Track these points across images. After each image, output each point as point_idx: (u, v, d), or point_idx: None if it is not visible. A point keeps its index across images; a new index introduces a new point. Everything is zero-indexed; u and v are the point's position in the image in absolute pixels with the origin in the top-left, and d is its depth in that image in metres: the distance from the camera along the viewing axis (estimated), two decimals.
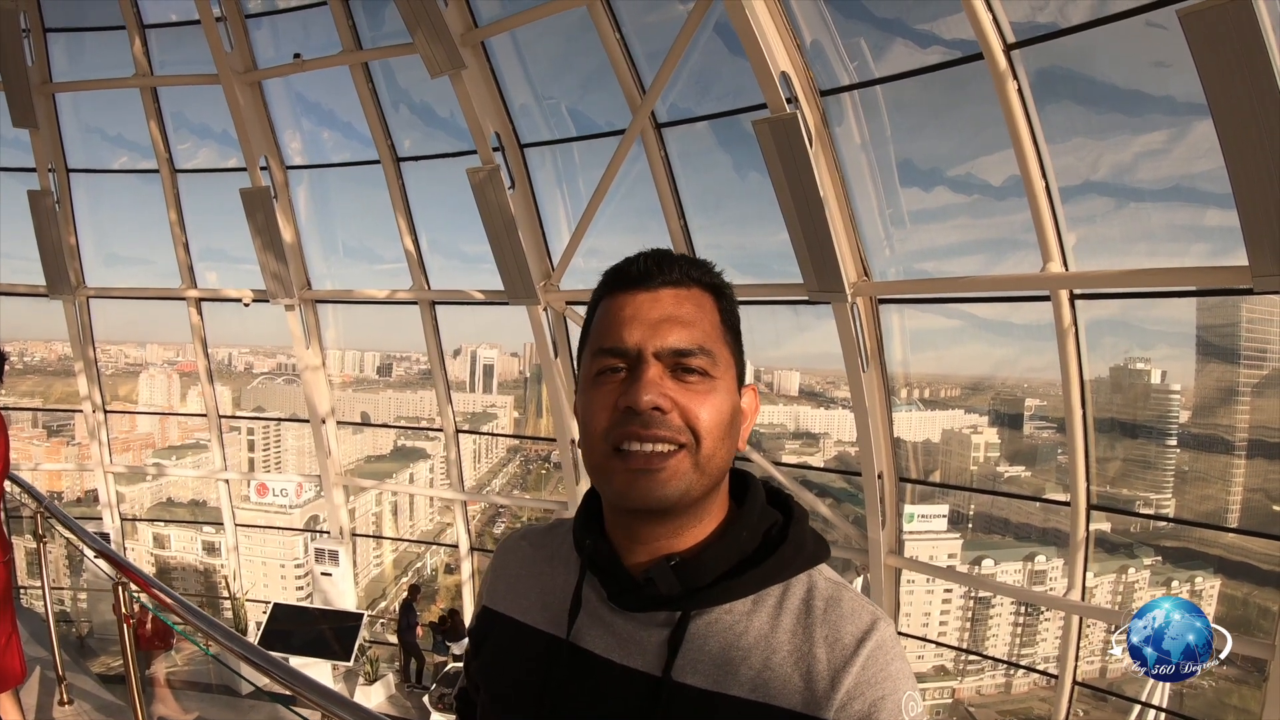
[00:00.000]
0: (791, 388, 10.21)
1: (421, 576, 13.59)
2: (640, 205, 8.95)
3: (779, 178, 7.04)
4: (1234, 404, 7.08)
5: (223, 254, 12.55)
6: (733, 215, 8.94)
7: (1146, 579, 7.68)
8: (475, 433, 12.13)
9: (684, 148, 8.42)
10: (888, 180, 7.56)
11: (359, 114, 10.37)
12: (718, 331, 1.04)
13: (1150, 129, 6.46)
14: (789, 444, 9.92)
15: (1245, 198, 5.00)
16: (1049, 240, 6.45)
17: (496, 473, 12.67)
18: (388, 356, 13.21)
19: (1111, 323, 7.01)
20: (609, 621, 1.03)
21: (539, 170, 9.40)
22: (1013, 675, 9.36)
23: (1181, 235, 6.59)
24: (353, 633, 10.18)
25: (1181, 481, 7.34)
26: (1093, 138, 6.51)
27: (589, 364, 1.03)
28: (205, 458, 13.40)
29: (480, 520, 11.93)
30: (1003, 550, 8.68)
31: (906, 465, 8.16)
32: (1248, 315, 6.81)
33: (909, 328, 7.85)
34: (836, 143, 7.34)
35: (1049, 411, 8.25)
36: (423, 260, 10.48)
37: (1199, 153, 6.20)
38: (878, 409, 7.72)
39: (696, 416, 0.97)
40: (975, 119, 7.08)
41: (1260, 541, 7.09)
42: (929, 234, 7.62)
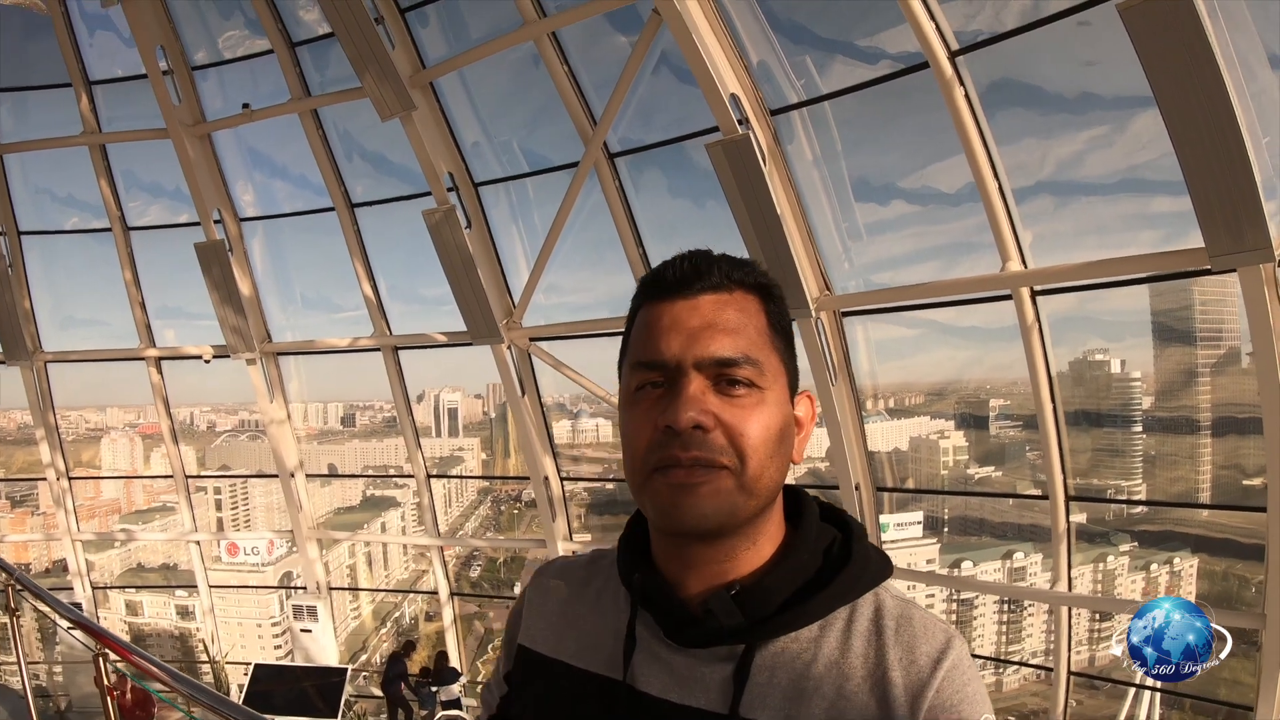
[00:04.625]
0: None
1: (401, 626, 12.64)
2: (597, 237, 8.61)
3: (735, 198, 6.73)
4: (1195, 385, 6.95)
5: (180, 311, 11.85)
6: (689, 242, 8.35)
7: (1126, 565, 7.47)
8: (447, 476, 11.41)
9: (633, 179, 8.08)
10: (841, 194, 7.33)
11: (310, 164, 9.84)
12: (765, 337, 0.92)
13: (1093, 125, 6.40)
14: None
15: (1196, 182, 4.89)
16: (1006, 240, 6.22)
17: (469, 516, 12.00)
18: (351, 406, 12.53)
19: (1068, 318, 6.82)
20: (665, 659, 0.92)
21: (494, 208, 8.96)
22: (1003, 673, 9.02)
23: (1131, 224, 6.49)
24: (337, 688, 9.45)
25: (1151, 466, 7.16)
26: (1040, 138, 6.41)
27: (627, 378, 0.93)
28: (173, 520, 12.55)
29: (455, 565, 11.19)
30: (981, 551, 8.41)
31: (881, 475, 7.67)
32: (1200, 297, 6.64)
33: (872, 339, 7.55)
34: (789, 160, 7.07)
35: (1014, 410, 8.05)
36: (383, 305, 9.86)
37: (1139, 144, 6.18)
38: (849, 421, 7.33)
39: (742, 434, 0.86)
40: (923, 128, 6.90)
41: (1234, 516, 6.95)
42: (886, 244, 7.46)
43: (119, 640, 2.96)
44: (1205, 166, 4.80)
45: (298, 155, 10.21)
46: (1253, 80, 5.08)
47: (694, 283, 0.90)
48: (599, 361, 8.86)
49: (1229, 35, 4.81)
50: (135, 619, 13.63)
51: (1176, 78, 4.66)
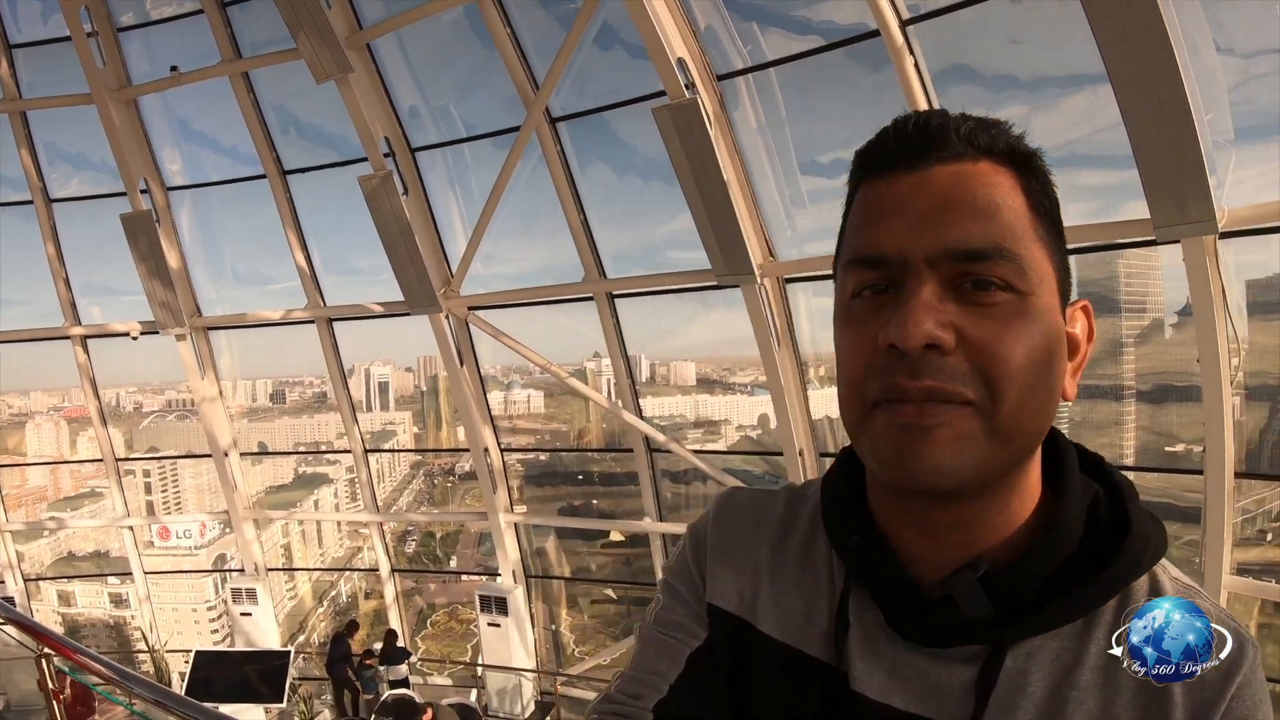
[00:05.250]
0: (689, 377, 9.59)
1: (339, 605, 12.03)
2: (536, 206, 8.27)
3: (681, 163, 6.51)
4: (1120, 355, 6.98)
5: (106, 287, 11.14)
6: (625, 209, 8.32)
7: None
8: (384, 450, 10.81)
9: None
10: (785, 162, 7.16)
11: (240, 133, 9.26)
12: (1026, 222, 0.65)
13: (1017, 103, 6.36)
14: (691, 433, 9.29)
15: (1144, 155, 4.88)
16: None
17: (402, 491, 11.53)
18: (280, 383, 11.92)
19: None
20: (886, 653, 0.71)
21: (431, 173, 8.53)
22: None
23: (1066, 197, 6.19)
24: (281, 672, 9.03)
25: (1077, 432, 7.18)
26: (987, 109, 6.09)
27: (841, 282, 0.69)
28: (104, 505, 11.96)
29: (391, 541, 10.60)
30: None
31: (824, 441, 7.49)
32: (1125, 270, 6.59)
33: (814, 306, 7.43)
34: (735, 127, 6.87)
35: None
36: (316, 277, 9.35)
37: (1071, 122, 6.19)
38: (793, 387, 7.08)
39: (994, 356, 0.62)
40: (869, 98, 6.80)
41: (1158, 479, 7.01)
42: (829, 213, 7.25)
43: (58, 637, 2.82)
44: (1153, 140, 4.78)
45: (227, 123, 9.59)
46: (1198, 60, 5.09)
47: (925, 150, 0.66)
48: (537, 331, 8.58)
49: (1177, 16, 4.79)
50: (69, 610, 12.98)
51: (1130, 53, 4.64)
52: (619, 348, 8.04)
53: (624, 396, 8.26)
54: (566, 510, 9.88)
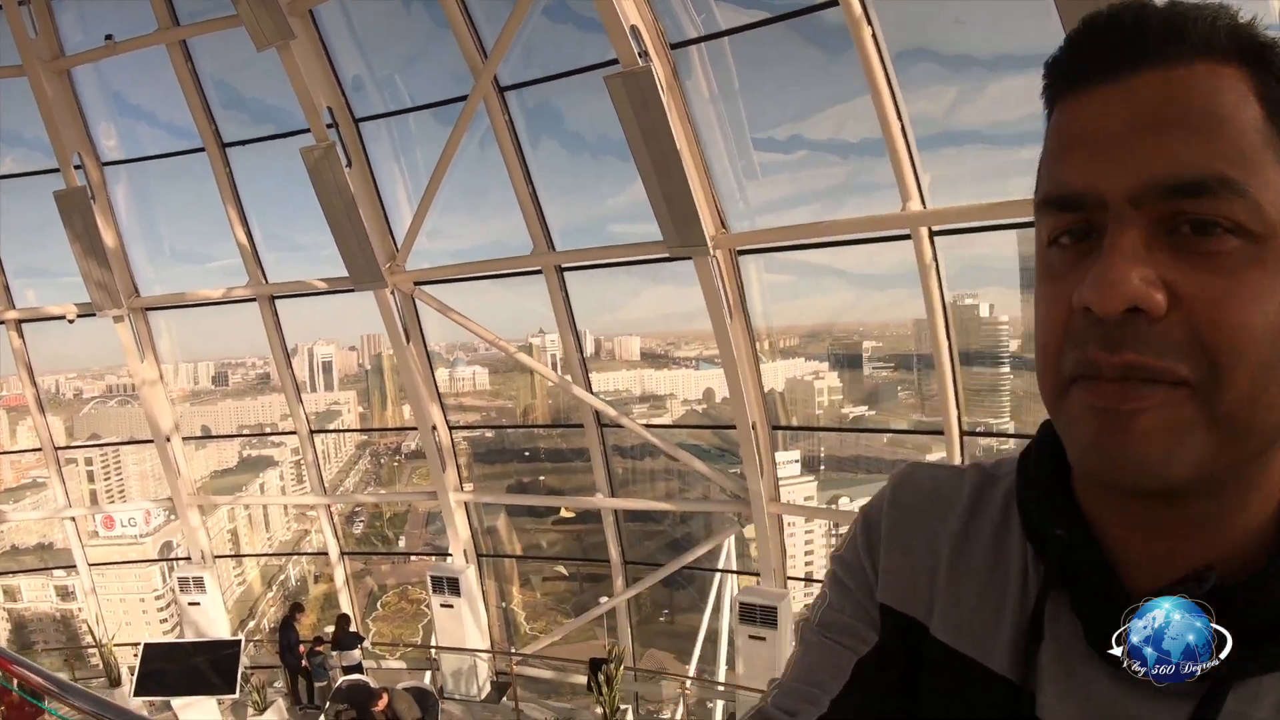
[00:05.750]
0: (633, 352, 9.40)
1: (288, 589, 11.51)
2: (481, 182, 8.08)
3: (634, 133, 6.29)
4: None
5: (41, 270, 10.52)
6: (571, 184, 8.09)
7: None
8: (330, 431, 10.36)
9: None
10: (738, 133, 7.00)
11: (178, 106, 8.71)
12: (1261, 140, 0.48)
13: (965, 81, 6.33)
14: (636, 408, 9.10)
15: None
16: (907, 180, 6.01)
17: (348, 471, 11.19)
18: (222, 364, 11.43)
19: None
20: (1082, 676, 0.58)
21: (375, 145, 8.17)
22: None
23: (1003, 172, 6.48)
24: (233, 661, 8.68)
25: (1019, 405, 7.18)
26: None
27: (1037, 229, 0.55)
28: (45, 496, 11.19)
29: (338, 522, 10.23)
30: (856, 487, 8.32)
31: (775, 414, 7.34)
32: None
33: (765, 280, 7.31)
34: (688, 96, 6.66)
35: (885, 351, 8.03)
36: (258, 253, 8.94)
37: (1009, 103, 6.19)
38: (745, 359, 6.88)
39: (1219, 321, 0.48)
40: (823, 70, 6.69)
41: None
42: (779, 185, 7.26)
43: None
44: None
45: (165, 97, 8.99)
46: None
47: (1121, 53, 0.50)
48: (482, 307, 8.29)
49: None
50: (15, 605, 12.47)
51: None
52: (569, 322, 7.77)
53: (573, 371, 7.99)
54: (515, 488, 9.63)
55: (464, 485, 9.05)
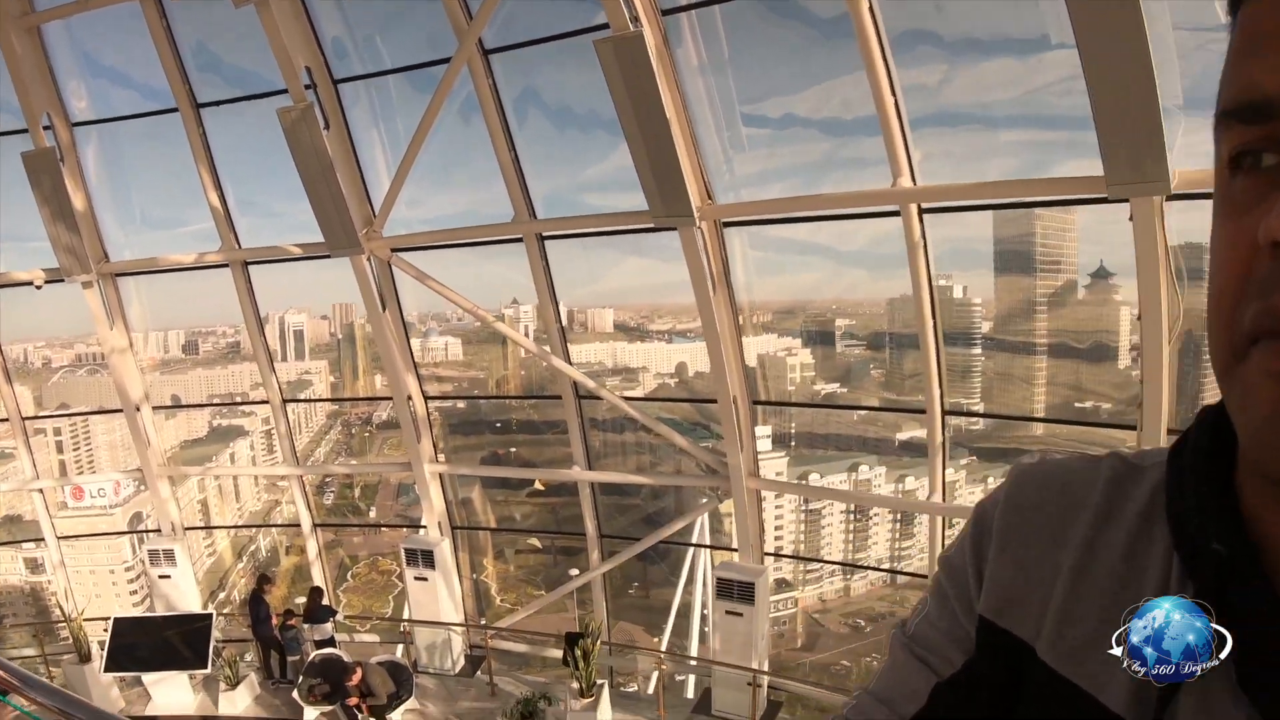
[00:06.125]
0: (606, 325, 9.26)
1: (258, 561, 11.17)
2: (460, 151, 7.87)
3: (622, 99, 6.11)
4: (1033, 312, 6.98)
5: (7, 234, 9.81)
6: (550, 153, 7.85)
7: (964, 478, 7.45)
8: (302, 400, 10.07)
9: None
10: (726, 103, 6.84)
11: (152, 68, 8.31)
12: None
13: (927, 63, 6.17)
14: (609, 380, 8.96)
15: (1104, 113, 4.78)
16: (899, 156, 5.91)
17: (319, 441, 10.95)
18: (193, 332, 11.08)
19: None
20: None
21: (354, 109, 7.89)
22: (850, 578, 9.04)
23: (982, 154, 6.44)
24: (204, 635, 8.45)
25: (990, 385, 7.17)
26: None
27: (1216, 152, 0.45)
28: (13, 468, 10.77)
29: (309, 492, 9.88)
30: (826, 463, 8.28)
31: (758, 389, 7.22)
32: (1041, 229, 6.46)
33: (750, 256, 7.21)
34: (677, 65, 6.49)
35: (858, 329, 8.00)
36: (231, 218, 8.61)
37: (991, 85, 6.15)
38: (728, 333, 6.74)
39: None
40: (813, 45, 6.56)
41: (1069, 431, 6.99)
42: (766, 158, 7.11)
43: None
44: (1114, 99, 4.70)
45: (138, 58, 8.61)
46: (1151, 25, 4.95)
47: None
48: (457, 277, 8.06)
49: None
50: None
51: (1098, 10, 4.54)
52: (549, 292, 7.56)
53: (552, 342, 7.78)
54: (489, 459, 9.45)
55: (438, 456, 8.82)
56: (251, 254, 8.60)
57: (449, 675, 8.82)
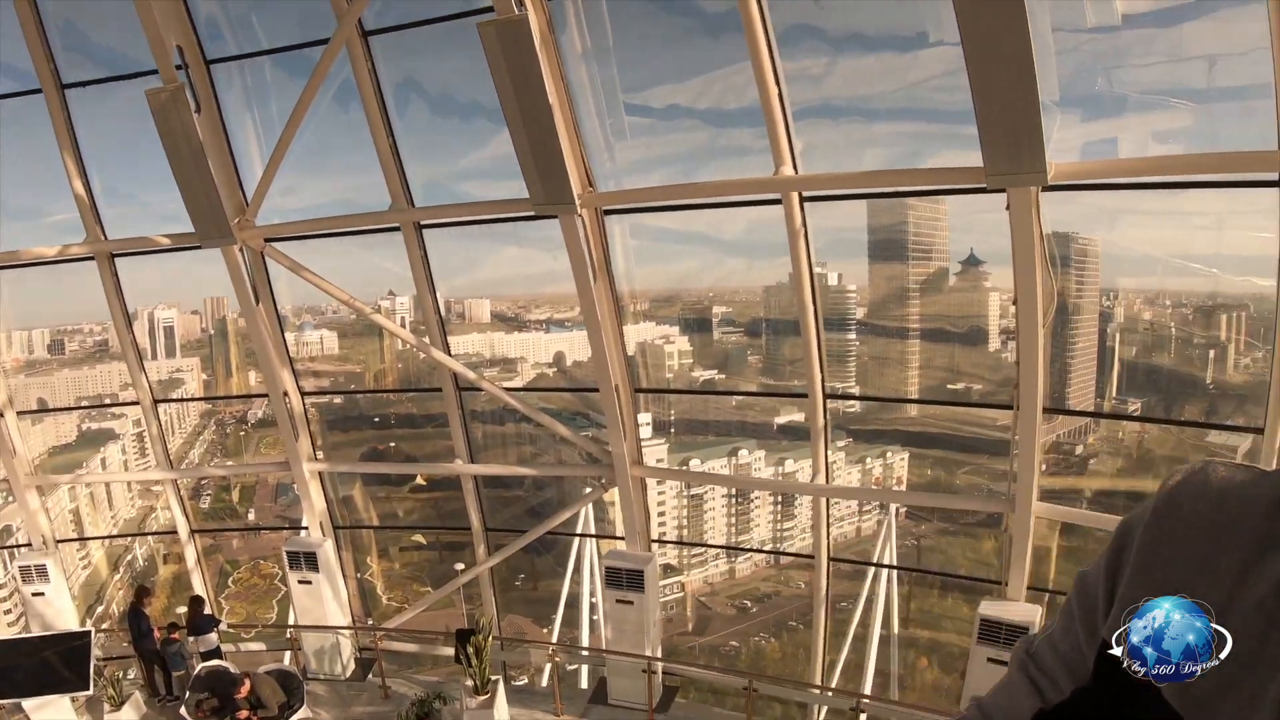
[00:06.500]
0: (484, 315, 9.04)
1: (135, 571, 10.34)
2: (335, 139, 7.50)
3: (505, 84, 5.94)
4: (906, 298, 7.13)
5: None
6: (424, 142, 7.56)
7: (843, 459, 7.54)
8: (174, 400, 9.47)
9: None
10: (609, 91, 6.75)
11: (14, 44, 7.64)
12: None
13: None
14: (488, 371, 8.71)
15: (986, 105, 4.88)
16: (781, 145, 5.92)
17: (193, 442, 10.31)
18: (59, 331, 10.31)
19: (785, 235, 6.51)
20: None
21: (227, 91, 7.46)
22: (735, 560, 8.99)
23: (859, 145, 6.47)
24: (84, 654, 7.82)
25: (865, 369, 7.30)
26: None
27: None
28: None
29: (185, 495, 9.26)
30: (707, 449, 8.28)
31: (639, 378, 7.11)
32: (914, 218, 6.60)
33: (629, 246, 7.09)
34: (562, 51, 6.34)
35: (736, 317, 8.02)
36: (97, 208, 8.02)
37: (869, 77, 6.22)
38: (609, 321, 6.56)
39: None
40: (697, 35, 6.51)
41: (939, 412, 7.20)
42: (648, 147, 7.05)
43: None
44: (997, 91, 4.78)
45: (1, 35, 7.82)
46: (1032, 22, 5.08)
47: None
48: (333, 268, 7.67)
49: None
50: None
51: (983, 8, 4.59)
52: (427, 282, 7.29)
53: (432, 334, 7.52)
54: (369, 455, 9.12)
55: (317, 454, 8.37)
56: (118, 245, 8.01)
57: (340, 680, 8.43)
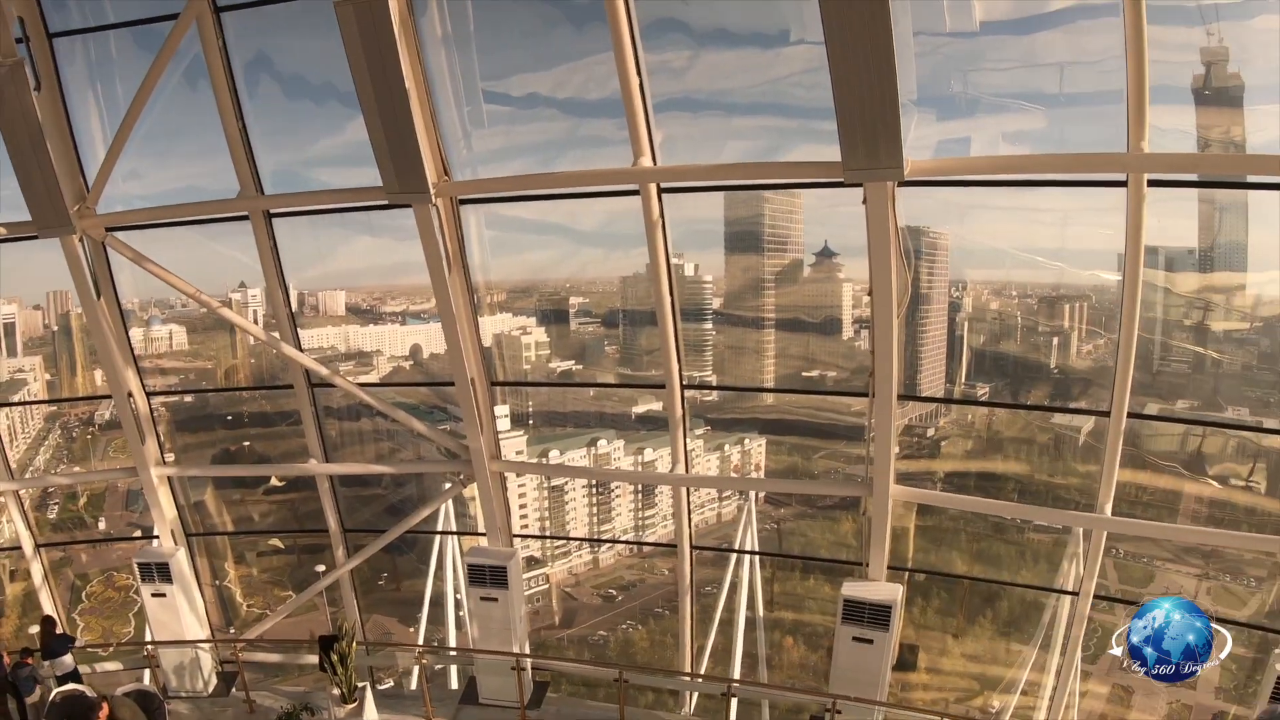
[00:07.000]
0: (338, 307, 8.70)
1: None
2: (182, 123, 6.95)
3: (360, 66, 5.65)
4: (762, 289, 7.15)
5: None
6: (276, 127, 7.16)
7: (701, 447, 7.56)
8: (14, 404, 8.67)
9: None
10: (469, 79, 6.55)
11: None
12: None
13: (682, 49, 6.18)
14: (343, 365, 8.40)
15: (846, 100, 4.86)
16: (641, 137, 5.87)
17: (37, 448, 9.50)
18: None
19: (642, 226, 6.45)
20: None
21: (70, 68, 6.89)
22: (598, 551, 8.91)
23: (717, 140, 6.47)
24: None
25: (721, 358, 7.31)
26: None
27: None
28: None
29: (30, 506, 8.49)
30: (566, 440, 8.21)
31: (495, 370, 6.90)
32: (770, 211, 6.68)
33: (485, 236, 6.96)
34: (420, 35, 6.11)
35: (592, 307, 7.95)
36: None
37: (730, 72, 6.20)
38: (464, 313, 6.40)
39: None
40: (560, 25, 6.40)
41: (796, 399, 7.21)
42: (506, 135, 6.78)
43: None
44: (856, 87, 4.77)
45: None
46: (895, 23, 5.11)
47: None
48: (180, 259, 7.20)
49: None
50: None
51: (848, 6, 4.58)
52: (276, 275, 6.95)
53: (281, 328, 7.16)
54: (221, 457, 8.64)
55: (165, 458, 7.84)
56: None
57: (202, 697, 7.88)
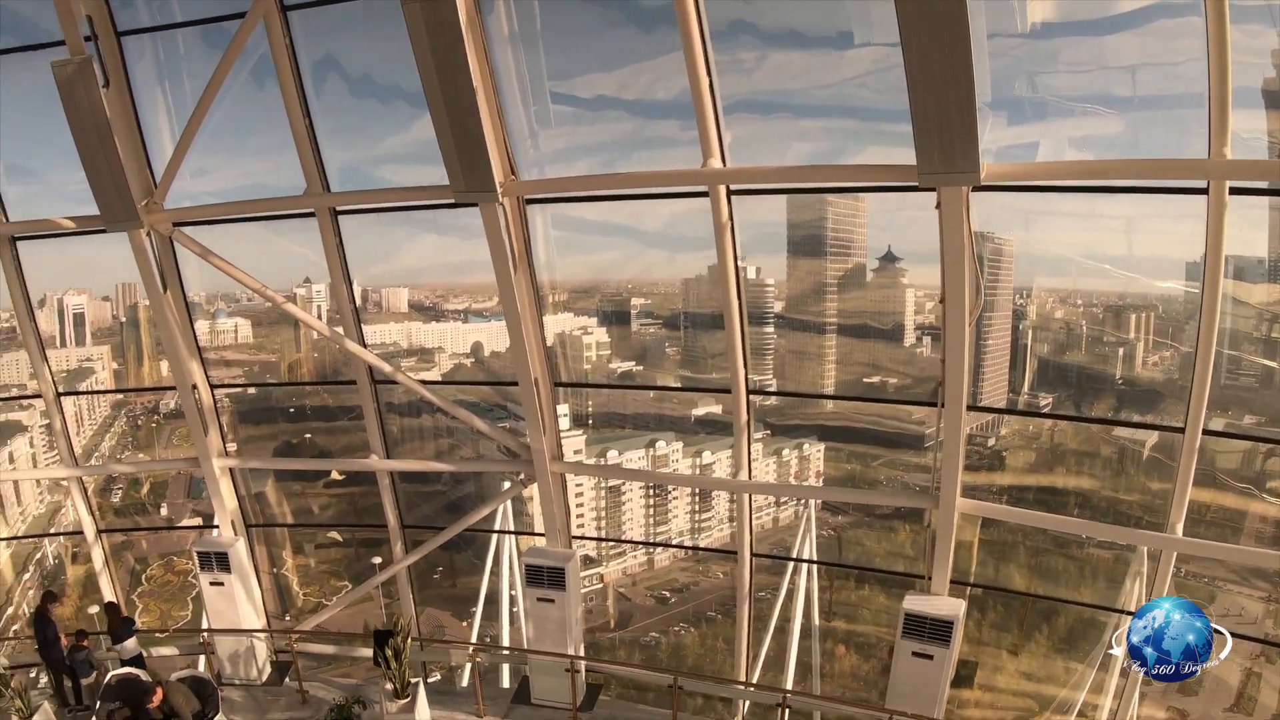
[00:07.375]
0: (401, 304, 8.66)
1: (45, 570, 9.49)
2: (251, 115, 6.94)
3: (428, 65, 5.60)
4: (824, 293, 7.01)
5: None
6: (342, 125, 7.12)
7: (760, 451, 7.39)
8: (79, 393, 8.95)
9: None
10: (535, 78, 6.43)
11: None
12: None
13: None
14: (405, 362, 8.35)
15: (922, 103, 4.70)
16: (710, 138, 5.73)
17: (103, 435, 9.60)
18: None
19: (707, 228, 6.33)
20: None
21: (138, 65, 6.90)
22: (652, 553, 8.80)
23: (785, 138, 6.29)
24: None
25: (782, 363, 7.19)
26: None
27: None
28: None
29: (93, 490, 8.73)
30: (625, 440, 8.11)
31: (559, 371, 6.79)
32: (833, 215, 6.48)
33: (551, 236, 6.85)
34: (488, 34, 6.04)
35: (655, 309, 7.85)
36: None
37: (789, 74, 6.02)
38: (529, 313, 6.25)
39: None
40: (628, 25, 6.29)
41: (857, 405, 7.10)
42: (572, 135, 6.67)
43: None
44: (934, 90, 4.62)
45: None
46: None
47: None
48: (246, 254, 7.21)
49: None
50: None
51: (926, 6, 4.43)
52: (342, 271, 6.88)
53: (346, 324, 7.09)
54: (283, 449, 8.66)
55: (228, 448, 7.92)
56: (19, 228, 7.43)
57: (256, 685, 7.92)
